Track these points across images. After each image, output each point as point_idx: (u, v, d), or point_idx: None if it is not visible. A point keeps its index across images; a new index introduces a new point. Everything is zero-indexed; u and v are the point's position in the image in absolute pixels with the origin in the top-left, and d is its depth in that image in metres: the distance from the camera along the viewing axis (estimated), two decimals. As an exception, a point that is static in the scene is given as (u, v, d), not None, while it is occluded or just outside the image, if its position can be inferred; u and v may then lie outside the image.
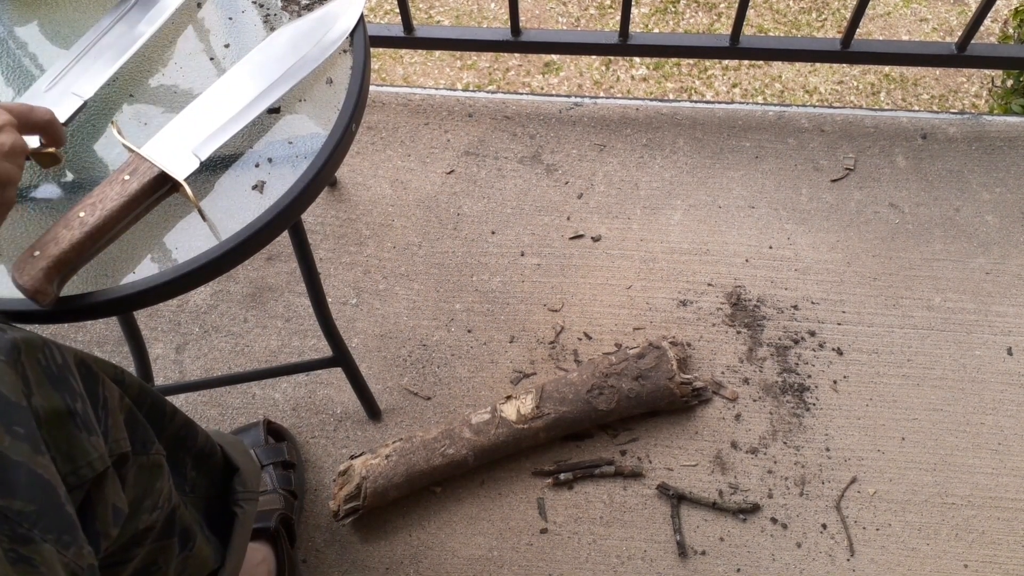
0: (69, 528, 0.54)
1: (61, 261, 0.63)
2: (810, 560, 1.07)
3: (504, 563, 1.08)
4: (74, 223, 0.64)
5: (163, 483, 0.70)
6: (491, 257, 1.30)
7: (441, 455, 1.08)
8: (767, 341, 1.22)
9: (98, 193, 0.66)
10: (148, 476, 0.68)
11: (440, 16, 2.56)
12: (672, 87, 2.37)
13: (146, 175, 0.67)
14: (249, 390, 1.21)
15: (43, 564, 0.51)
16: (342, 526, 1.11)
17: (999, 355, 1.20)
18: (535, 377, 1.20)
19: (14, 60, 0.79)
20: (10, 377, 0.53)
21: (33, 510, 0.52)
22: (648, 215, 1.33)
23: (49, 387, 0.56)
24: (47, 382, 0.56)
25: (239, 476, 0.86)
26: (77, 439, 0.57)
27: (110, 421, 0.63)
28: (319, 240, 1.32)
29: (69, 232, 0.64)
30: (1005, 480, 1.11)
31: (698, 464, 1.14)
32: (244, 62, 0.76)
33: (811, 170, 1.37)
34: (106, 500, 0.60)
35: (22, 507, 0.51)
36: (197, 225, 0.71)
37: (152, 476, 0.69)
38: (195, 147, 0.71)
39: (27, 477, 0.52)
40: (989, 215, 1.31)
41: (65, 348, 0.60)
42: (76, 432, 0.57)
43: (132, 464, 0.65)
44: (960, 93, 2.31)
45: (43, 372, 0.57)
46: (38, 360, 0.57)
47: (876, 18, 2.49)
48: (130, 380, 0.68)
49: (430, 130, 1.43)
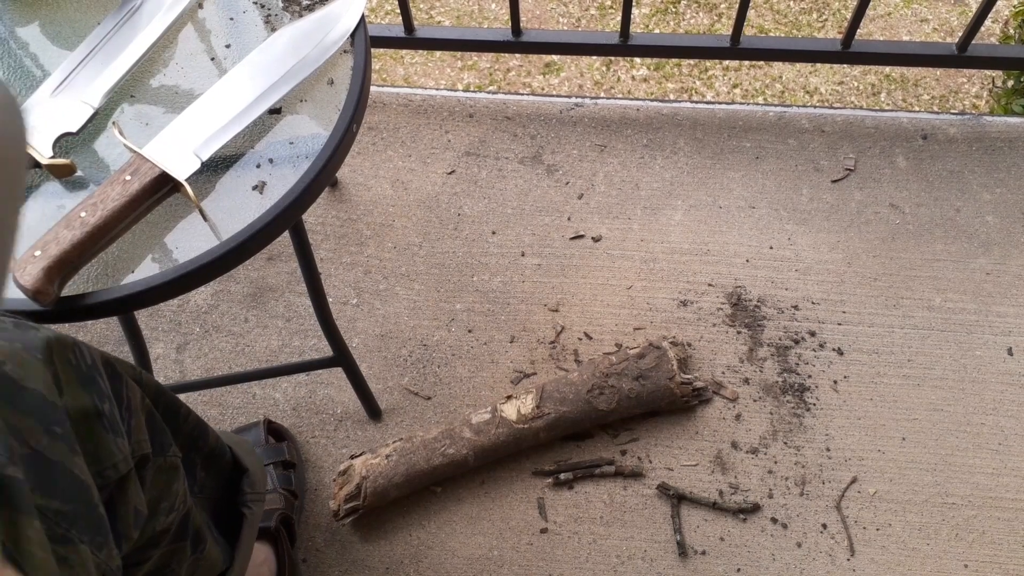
0: (102, 529, 0.54)
1: (62, 261, 0.64)
2: (810, 560, 1.07)
3: (504, 563, 1.08)
4: (75, 223, 0.65)
5: (179, 485, 0.70)
6: (492, 257, 1.30)
7: (441, 455, 1.08)
8: (767, 341, 1.22)
9: (99, 193, 0.66)
10: (165, 478, 0.68)
11: (441, 16, 2.56)
12: (673, 87, 2.37)
13: (147, 175, 0.67)
14: (249, 390, 1.21)
15: (79, 565, 0.51)
16: (342, 526, 1.11)
17: (999, 355, 1.20)
18: (535, 377, 1.21)
19: (16, 61, 0.80)
20: (46, 377, 0.53)
21: (70, 510, 0.52)
22: (649, 215, 1.33)
23: (79, 387, 0.56)
24: (77, 382, 0.56)
25: (248, 477, 0.86)
26: (104, 440, 0.57)
27: (133, 422, 0.62)
28: (320, 240, 1.32)
29: (70, 232, 0.64)
30: (1005, 480, 1.11)
31: (698, 464, 1.14)
32: (245, 63, 0.76)
33: (812, 170, 1.37)
34: (128, 502, 0.60)
35: (60, 507, 0.51)
36: (197, 225, 0.71)
37: (169, 478, 0.68)
38: (196, 147, 0.71)
39: (64, 477, 0.52)
40: (990, 215, 1.31)
41: (93, 349, 0.60)
42: (103, 433, 0.57)
43: (151, 466, 0.65)
44: (960, 94, 2.31)
45: (73, 372, 0.56)
46: (68, 360, 0.56)
47: (876, 18, 2.49)
48: (147, 380, 0.68)
49: (431, 130, 1.43)
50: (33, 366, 0.52)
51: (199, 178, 0.73)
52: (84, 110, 0.74)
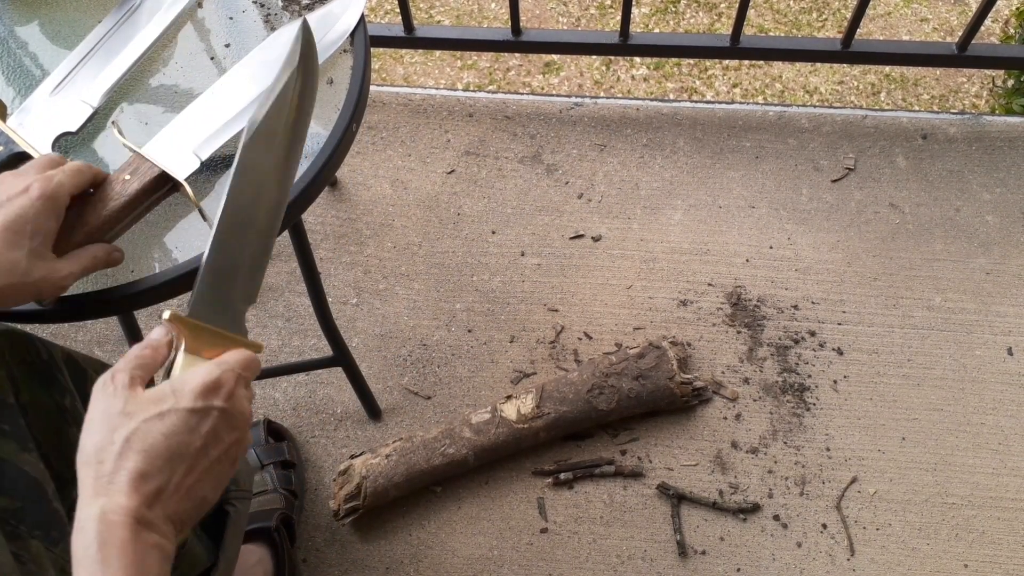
0: (57, 524, 0.54)
1: None
2: (810, 560, 1.07)
3: (504, 562, 1.08)
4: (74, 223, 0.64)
5: None
6: (491, 257, 1.30)
7: (441, 455, 1.08)
8: (767, 341, 1.22)
9: (98, 193, 0.66)
10: None
11: (440, 16, 2.56)
12: (672, 87, 2.37)
13: (146, 175, 0.67)
14: (249, 390, 1.21)
15: (31, 560, 0.51)
16: (342, 526, 1.11)
17: (999, 355, 1.20)
18: (535, 377, 1.20)
19: (15, 60, 0.79)
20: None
21: (19, 507, 0.52)
22: (648, 215, 1.33)
23: (36, 384, 0.57)
24: (34, 379, 0.57)
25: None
26: (67, 434, 0.57)
27: None
28: (319, 240, 1.32)
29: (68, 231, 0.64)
30: (1005, 480, 1.11)
31: (698, 464, 1.14)
32: (245, 61, 0.76)
33: (811, 170, 1.37)
34: None
35: (7, 504, 0.51)
36: (197, 225, 0.71)
37: None
38: (196, 147, 0.71)
39: (12, 474, 0.52)
40: (989, 215, 1.31)
41: (51, 344, 0.61)
42: (66, 427, 0.57)
43: None
44: (960, 93, 2.31)
45: (29, 369, 0.57)
46: (23, 358, 0.57)
47: (876, 18, 2.49)
48: None
49: (430, 130, 1.43)
50: None
51: (199, 178, 0.72)
52: (83, 109, 0.74)
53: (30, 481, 0.53)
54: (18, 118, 0.73)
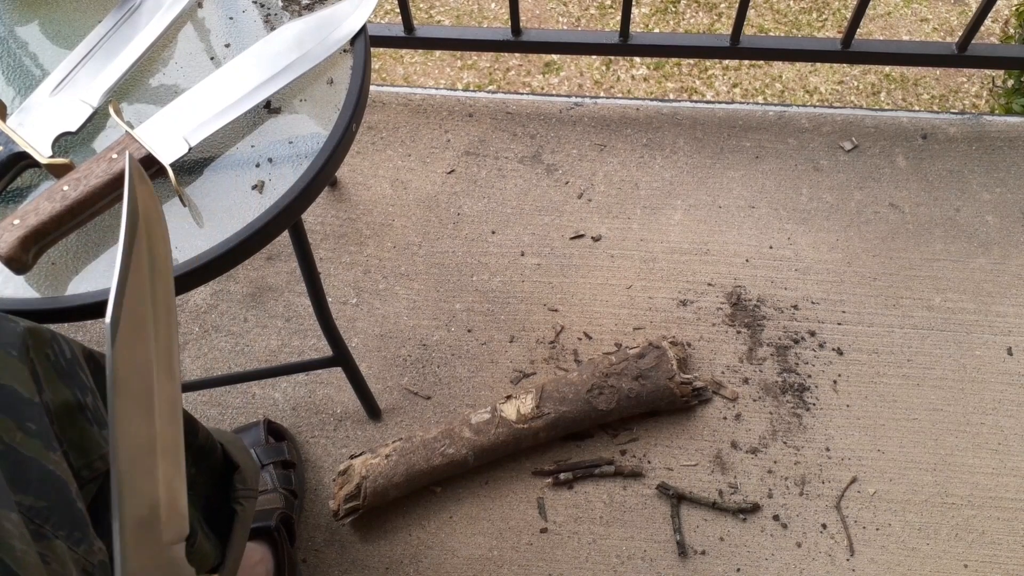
0: (80, 525, 0.54)
1: (38, 231, 0.64)
2: (810, 560, 1.07)
3: (504, 563, 1.08)
4: (56, 196, 0.66)
5: None
6: (491, 257, 1.30)
7: (441, 455, 1.08)
8: (767, 341, 1.22)
9: (84, 169, 0.67)
10: None
11: (440, 16, 2.56)
12: (672, 87, 2.37)
13: (133, 156, 0.68)
14: (249, 390, 1.21)
15: (55, 560, 0.51)
16: (342, 526, 1.11)
17: (999, 355, 1.20)
18: (535, 377, 1.20)
19: (15, 60, 0.80)
20: (22, 373, 0.53)
21: (45, 506, 0.52)
22: (648, 215, 1.33)
23: (59, 381, 0.57)
24: (56, 376, 0.57)
25: (239, 474, 0.86)
26: (89, 433, 0.57)
27: None
28: (319, 240, 1.32)
29: (50, 204, 0.65)
30: (1005, 480, 1.11)
31: (698, 464, 1.14)
32: (247, 53, 0.76)
33: (811, 170, 1.37)
34: None
35: (34, 503, 0.51)
36: (198, 225, 0.71)
37: None
38: (187, 132, 0.71)
39: (38, 473, 0.52)
40: (989, 215, 1.31)
41: (73, 342, 0.61)
42: (87, 426, 0.57)
43: None
44: (960, 93, 2.31)
45: (52, 367, 0.57)
46: (47, 355, 0.57)
47: (876, 18, 2.49)
48: None
49: (430, 130, 1.43)
50: (7, 363, 0.53)
51: (198, 177, 0.73)
52: (83, 109, 0.74)
53: (55, 480, 0.53)
54: (18, 118, 0.73)
